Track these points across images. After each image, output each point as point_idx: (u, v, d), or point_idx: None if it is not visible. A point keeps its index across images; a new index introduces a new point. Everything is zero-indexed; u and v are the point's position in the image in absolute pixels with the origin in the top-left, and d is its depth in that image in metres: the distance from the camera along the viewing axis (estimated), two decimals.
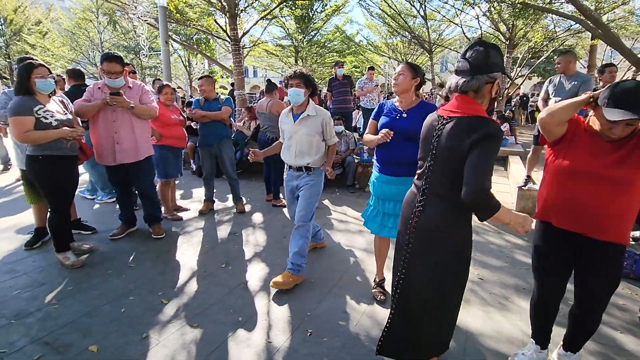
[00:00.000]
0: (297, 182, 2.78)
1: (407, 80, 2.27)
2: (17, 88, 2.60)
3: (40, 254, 3.06)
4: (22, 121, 2.52)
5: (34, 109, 2.56)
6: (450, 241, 1.50)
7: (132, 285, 2.62)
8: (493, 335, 2.15)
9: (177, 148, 4.00)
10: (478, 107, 1.42)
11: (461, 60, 1.44)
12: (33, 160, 2.68)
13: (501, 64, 1.42)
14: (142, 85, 3.27)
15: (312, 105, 2.72)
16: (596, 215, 1.58)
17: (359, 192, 5.27)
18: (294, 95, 2.64)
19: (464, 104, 1.43)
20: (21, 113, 2.52)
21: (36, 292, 2.49)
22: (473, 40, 1.47)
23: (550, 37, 10.63)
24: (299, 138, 2.68)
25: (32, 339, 2.01)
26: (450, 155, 1.43)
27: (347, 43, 17.12)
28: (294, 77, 2.64)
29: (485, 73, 1.39)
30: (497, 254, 3.26)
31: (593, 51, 10.95)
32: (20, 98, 2.57)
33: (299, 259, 2.62)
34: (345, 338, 2.09)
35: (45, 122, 2.60)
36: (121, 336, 2.06)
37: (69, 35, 19.74)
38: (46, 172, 2.71)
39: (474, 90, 1.42)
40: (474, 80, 1.39)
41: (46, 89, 2.66)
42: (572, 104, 1.59)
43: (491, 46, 1.42)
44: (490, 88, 1.44)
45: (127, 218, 3.54)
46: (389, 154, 2.32)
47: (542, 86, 4.36)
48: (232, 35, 7.87)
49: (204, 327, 2.16)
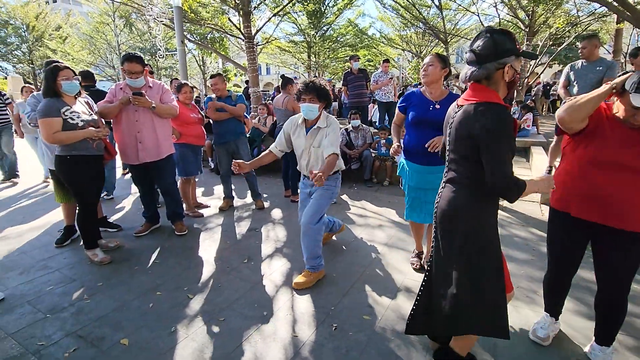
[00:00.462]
0: (311, 189, 2.68)
1: (437, 71, 2.31)
2: (45, 91, 2.69)
3: (70, 251, 3.17)
4: (51, 122, 2.60)
5: (62, 110, 2.64)
6: (468, 223, 1.49)
7: (158, 280, 2.68)
8: (523, 329, 2.09)
9: (197, 146, 4.06)
10: (490, 94, 1.40)
11: (469, 51, 1.45)
12: (62, 160, 2.77)
13: (512, 48, 1.38)
14: (162, 85, 3.32)
15: (324, 116, 2.53)
16: (621, 206, 1.57)
17: (376, 186, 5.23)
18: (308, 112, 2.45)
19: (477, 92, 1.43)
20: (49, 115, 2.60)
21: (68, 287, 2.58)
22: (481, 30, 1.46)
23: (572, 22, 10.21)
24: (312, 152, 2.55)
25: (67, 332, 2.09)
26: (461, 142, 1.45)
27: (360, 37, 16.94)
28: (307, 92, 2.41)
29: (493, 60, 1.38)
30: (523, 247, 3.18)
31: (619, 35, 10.45)
32: (48, 100, 2.66)
33: (313, 261, 2.60)
34: (371, 332, 2.07)
35: (72, 123, 2.68)
36: (150, 330, 2.11)
37: (88, 39, 20.31)
38: (74, 171, 2.79)
39: (484, 78, 1.41)
40: (482, 69, 1.39)
41: (72, 90, 2.73)
42: (593, 98, 1.50)
43: (497, 32, 1.40)
44: (502, 74, 1.40)
45: (151, 215, 3.62)
46: (421, 144, 2.35)
47: (562, 73, 4.19)
48: (246, 33, 7.91)
49: (230, 321, 2.19)
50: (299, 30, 15.72)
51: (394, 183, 5.24)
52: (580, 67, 3.94)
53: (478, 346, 1.95)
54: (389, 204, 4.41)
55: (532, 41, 10.38)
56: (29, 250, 3.19)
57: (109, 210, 4.21)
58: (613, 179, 1.56)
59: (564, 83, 4.08)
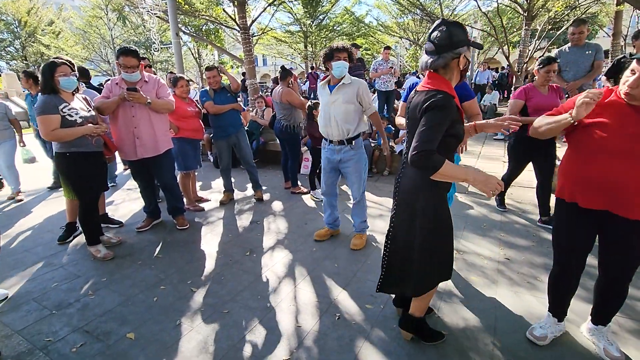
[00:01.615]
0: (339, 156, 2.88)
1: None
2: (42, 87, 2.66)
3: (73, 248, 3.19)
4: (49, 119, 2.58)
5: (60, 107, 2.62)
6: (423, 198, 1.63)
7: (162, 274, 2.70)
8: (524, 315, 2.12)
9: (195, 140, 4.04)
10: (442, 82, 1.54)
11: (427, 42, 1.56)
12: (61, 157, 2.76)
13: (464, 39, 1.52)
14: (158, 79, 3.29)
15: (348, 75, 2.74)
16: (626, 194, 1.53)
17: (376, 176, 5.23)
18: (342, 69, 2.67)
19: (432, 80, 1.56)
20: (47, 112, 2.59)
21: (73, 283, 2.60)
22: (436, 22, 1.57)
23: (571, 5, 10.07)
24: (336, 108, 2.74)
25: (74, 328, 2.11)
26: (413, 124, 1.58)
27: (356, 25, 16.75)
28: (342, 50, 2.65)
29: (449, 50, 1.51)
30: (524, 233, 3.19)
31: (618, 18, 10.31)
32: (46, 97, 2.64)
33: (364, 224, 3.07)
34: (374, 321, 2.10)
35: (70, 120, 2.66)
36: (156, 323, 2.14)
37: (81, 33, 20.02)
38: (73, 168, 2.79)
39: (442, 66, 1.55)
40: (440, 58, 1.52)
41: (69, 86, 2.71)
42: (553, 129, 1.68)
43: (453, 24, 1.53)
44: (457, 62, 1.55)
45: (152, 211, 3.62)
46: None
47: None
48: (241, 24, 7.81)
49: (234, 313, 2.22)
50: (294, 20, 15.54)
51: (393, 173, 5.24)
52: (569, 52, 3.93)
53: (478, 331, 1.98)
54: (389, 193, 4.38)
55: (530, 25, 10.25)
56: (32, 247, 3.21)
57: (110, 207, 4.22)
58: (618, 166, 1.54)
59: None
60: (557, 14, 10.58)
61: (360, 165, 2.90)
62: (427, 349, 1.87)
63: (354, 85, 2.72)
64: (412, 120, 1.60)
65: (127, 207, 4.24)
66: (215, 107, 3.94)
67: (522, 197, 4.03)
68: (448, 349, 1.87)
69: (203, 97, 4.00)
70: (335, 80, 2.76)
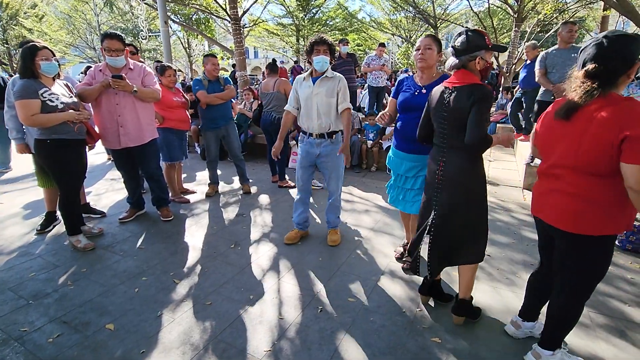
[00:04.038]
0: (318, 150, 2.83)
1: (434, 55, 2.22)
2: (22, 71, 2.57)
3: (52, 237, 3.12)
4: (29, 104, 2.50)
5: (40, 92, 2.54)
6: (472, 180, 1.86)
7: (144, 266, 2.67)
8: (502, 310, 2.18)
9: (181, 131, 3.98)
10: (472, 77, 1.78)
11: (451, 47, 1.83)
12: (41, 144, 2.68)
13: (481, 44, 1.75)
14: (144, 67, 3.22)
15: (330, 70, 2.76)
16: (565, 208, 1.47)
17: (364, 172, 5.26)
18: (322, 63, 2.67)
19: (462, 76, 1.80)
20: (27, 96, 2.50)
21: (51, 274, 2.55)
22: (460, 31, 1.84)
23: (560, 8, 10.26)
24: (320, 100, 2.72)
25: (51, 318, 2.07)
26: (460, 116, 1.77)
27: (349, 20, 16.71)
28: (321, 43, 2.66)
29: (466, 54, 1.77)
30: (505, 230, 3.26)
31: (605, 23, 10.55)
32: (25, 81, 2.55)
33: (338, 220, 3.08)
34: (356, 314, 2.12)
35: (51, 105, 2.58)
36: (137, 315, 2.12)
37: (66, 18, 19.37)
38: (55, 155, 2.72)
39: (462, 67, 1.81)
40: (458, 60, 1.79)
41: (51, 71, 2.63)
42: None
43: (472, 32, 1.78)
44: (474, 64, 1.78)
45: (135, 201, 3.56)
46: (407, 129, 2.32)
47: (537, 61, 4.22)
48: (232, 14, 7.67)
49: (216, 305, 2.21)
50: (287, 13, 15.38)
51: (381, 169, 5.27)
52: (556, 54, 3.99)
53: (455, 331, 2.03)
54: (376, 189, 4.45)
55: (520, 27, 10.40)
56: (9, 236, 3.12)
57: (93, 197, 4.14)
58: (556, 179, 1.51)
59: (542, 71, 4.12)
60: (546, 17, 10.76)
61: (340, 161, 2.87)
62: (407, 342, 1.90)
63: (336, 79, 2.74)
64: (457, 112, 1.78)
65: (110, 198, 4.16)
66: (208, 97, 3.86)
67: (505, 196, 4.11)
68: (427, 342, 1.91)
69: (196, 85, 3.93)
70: (318, 73, 2.75)
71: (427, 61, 2.21)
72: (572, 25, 3.97)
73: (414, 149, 2.32)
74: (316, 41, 2.67)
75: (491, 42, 1.79)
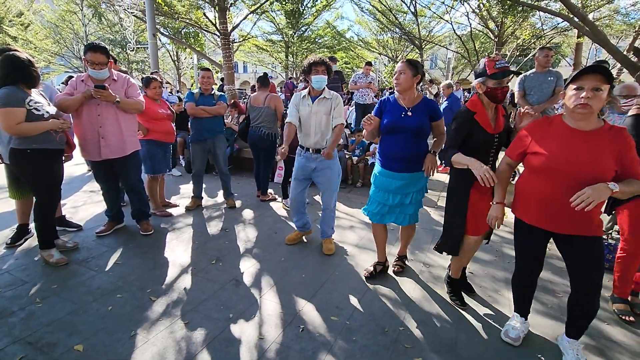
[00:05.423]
0: (314, 164, 2.96)
1: (408, 79, 2.31)
2: (3, 79, 2.50)
3: (23, 252, 2.97)
4: (14, 112, 2.42)
5: (26, 100, 2.48)
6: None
7: (120, 282, 2.56)
8: (485, 328, 2.17)
9: (166, 143, 3.92)
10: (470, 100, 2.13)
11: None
12: (20, 153, 2.57)
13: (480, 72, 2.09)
14: (128, 78, 3.18)
15: (327, 90, 2.92)
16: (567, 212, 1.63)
17: (349, 187, 5.27)
18: (321, 82, 2.84)
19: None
20: (12, 104, 2.42)
21: (19, 290, 2.41)
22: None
23: (537, 34, 10.79)
24: (318, 118, 2.88)
25: (15, 338, 1.95)
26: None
27: (337, 39, 17.10)
28: (320, 64, 2.82)
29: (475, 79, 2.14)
30: (487, 248, 3.29)
31: (579, 49, 11.14)
32: (9, 88, 2.47)
33: (332, 230, 3.20)
34: (338, 333, 2.08)
35: (37, 114, 2.52)
36: (108, 334, 2.01)
37: (53, 27, 19.20)
38: (35, 166, 2.62)
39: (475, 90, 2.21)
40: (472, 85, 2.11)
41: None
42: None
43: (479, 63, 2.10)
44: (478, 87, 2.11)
45: (114, 214, 3.45)
46: (396, 150, 2.38)
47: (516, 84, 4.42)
48: (222, 29, 7.76)
49: (194, 324, 2.13)
50: (277, 30, 15.64)
51: (366, 184, 5.30)
52: (534, 77, 4.17)
53: (440, 341, 2.00)
54: (361, 205, 4.41)
55: (501, 50, 10.87)
56: None
57: (69, 209, 3.99)
58: (557, 186, 1.65)
59: (520, 93, 4.30)
60: (524, 42, 11.27)
61: (335, 174, 2.99)
62: None
63: (332, 99, 2.90)
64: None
65: (88, 210, 4.03)
66: (194, 109, 3.89)
67: None
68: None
69: (187, 97, 3.99)
70: (316, 92, 2.90)
71: (402, 85, 2.33)
72: (548, 50, 4.16)
73: (404, 167, 2.39)
74: (315, 62, 2.82)
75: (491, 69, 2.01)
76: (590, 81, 1.56)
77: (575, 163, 1.60)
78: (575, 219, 1.67)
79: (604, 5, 9.24)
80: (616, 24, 12.26)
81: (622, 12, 12.06)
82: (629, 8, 12.03)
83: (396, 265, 2.83)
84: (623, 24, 12.44)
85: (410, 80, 2.30)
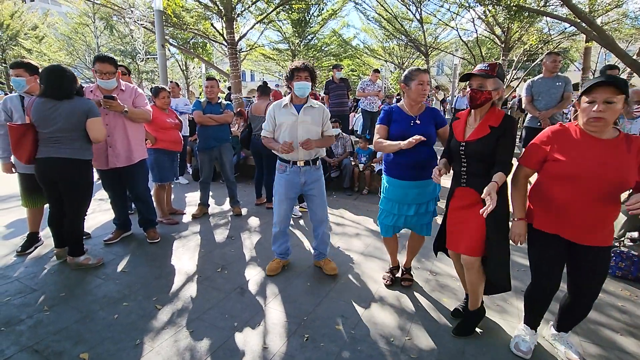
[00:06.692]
0: (303, 178, 2.72)
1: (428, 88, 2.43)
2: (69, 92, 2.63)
3: (33, 260, 3.01)
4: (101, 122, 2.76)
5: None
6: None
7: (126, 290, 2.57)
8: (493, 338, 2.12)
9: (173, 152, 3.97)
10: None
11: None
12: (84, 164, 2.78)
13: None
14: (135, 88, 3.24)
15: (310, 98, 2.72)
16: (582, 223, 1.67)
17: (355, 194, 5.25)
18: (304, 88, 2.60)
19: None
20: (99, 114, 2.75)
21: (28, 298, 2.44)
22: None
23: (544, 40, 10.71)
24: (305, 127, 2.64)
25: (22, 346, 1.97)
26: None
27: (343, 47, 17.20)
28: (304, 70, 2.57)
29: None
30: None
31: (587, 54, 11.01)
32: (89, 100, 2.75)
33: (327, 248, 2.94)
34: (343, 343, 2.05)
35: None
36: (114, 343, 2.02)
37: (66, 40, 19.73)
38: (89, 175, 2.86)
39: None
40: None
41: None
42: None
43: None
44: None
45: (122, 222, 3.49)
46: (409, 158, 2.37)
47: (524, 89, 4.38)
48: (229, 39, 7.88)
49: (198, 332, 2.12)
50: (283, 38, 15.81)
51: (372, 192, 5.28)
52: (541, 83, 4.13)
53: (448, 353, 1.96)
54: (368, 212, 4.43)
55: (507, 56, 10.81)
56: None
57: None
58: (579, 194, 1.64)
59: (528, 98, 4.25)
60: (531, 47, 11.20)
61: (324, 186, 2.85)
62: None
63: (321, 109, 2.72)
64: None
65: (97, 218, 4.08)
66: (201, 117, 3.95)
67: None
68: None
69: (194, 106, 4.05)
70: (299, 100, 2.66)
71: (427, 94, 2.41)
72: (555, 55, 4.13)
73: (417, 175, 2.38)
74: (297, 67, 2.57)
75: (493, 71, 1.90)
76: (602, 94, 1.53)
77: (600, 170, 1.58)
78: (595, 228, 1.66)
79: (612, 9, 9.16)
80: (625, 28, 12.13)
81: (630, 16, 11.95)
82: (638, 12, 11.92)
83: (404, 279, 2.73)
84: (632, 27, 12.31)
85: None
